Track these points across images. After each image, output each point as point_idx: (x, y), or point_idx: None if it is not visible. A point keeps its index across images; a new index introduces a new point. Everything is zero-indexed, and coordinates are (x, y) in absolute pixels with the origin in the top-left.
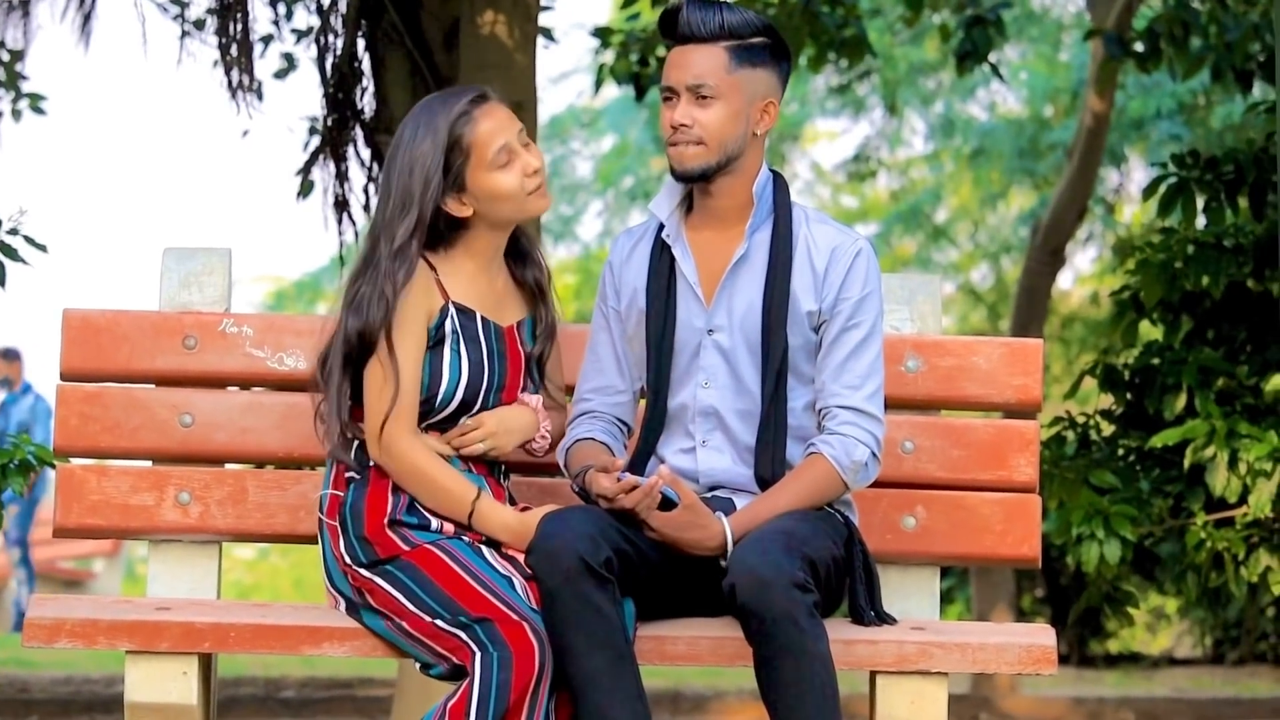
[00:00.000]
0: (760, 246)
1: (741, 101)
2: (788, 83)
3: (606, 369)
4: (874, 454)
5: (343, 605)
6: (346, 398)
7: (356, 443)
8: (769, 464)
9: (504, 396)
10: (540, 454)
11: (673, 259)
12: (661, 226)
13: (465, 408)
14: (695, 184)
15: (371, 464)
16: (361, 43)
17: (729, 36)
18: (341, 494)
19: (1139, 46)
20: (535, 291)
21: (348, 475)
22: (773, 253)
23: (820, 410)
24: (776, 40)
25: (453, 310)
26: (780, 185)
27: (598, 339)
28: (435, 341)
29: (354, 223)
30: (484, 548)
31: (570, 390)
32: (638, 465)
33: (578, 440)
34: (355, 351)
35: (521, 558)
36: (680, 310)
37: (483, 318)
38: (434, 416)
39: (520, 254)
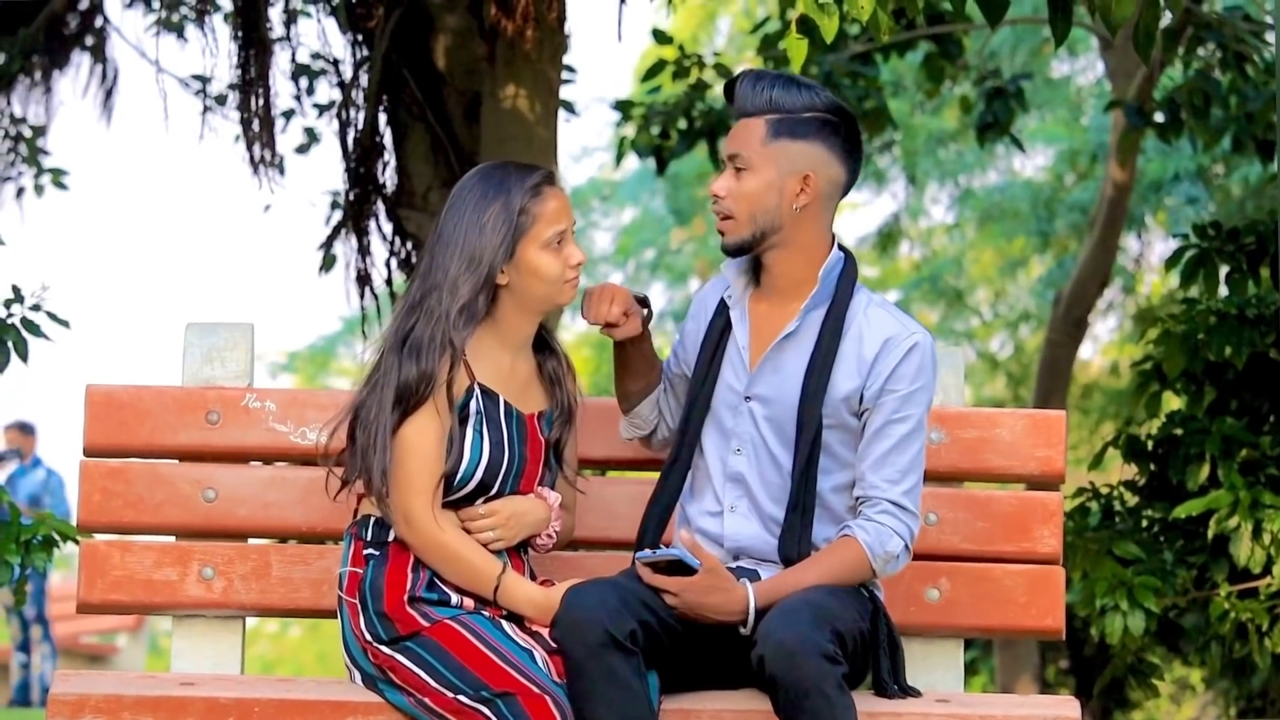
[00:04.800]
0: (812, 325)
1: (774, 173)
2: (856, 161)
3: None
4: (906, 546)
5: (359, 677)
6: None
7: (373, 519)
8: (794, 543)
9: (522, 484)
10: (543, 552)
11: (729, 321)
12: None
13: (483, 489)
14: (745, 257)
15: (390, 540)
16: (383, 117)
17: (775, 110)
18: (361, 570)
19: (1160, 116)
20: (554, 381)
21: (366, 552)
22: (821, 334)
23: (857, 497)
24: (838, 116)
25: (478, 391)
26: (849, 268)
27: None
28: (459, 419)
29: (375, 296)
30: (504, 622)
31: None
32: (660, 521)
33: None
34: (413, 395)
35: (546, 632)
36: (726, 372)
37: (505, 402)
38: (450, 495)
39: (542, 346)
